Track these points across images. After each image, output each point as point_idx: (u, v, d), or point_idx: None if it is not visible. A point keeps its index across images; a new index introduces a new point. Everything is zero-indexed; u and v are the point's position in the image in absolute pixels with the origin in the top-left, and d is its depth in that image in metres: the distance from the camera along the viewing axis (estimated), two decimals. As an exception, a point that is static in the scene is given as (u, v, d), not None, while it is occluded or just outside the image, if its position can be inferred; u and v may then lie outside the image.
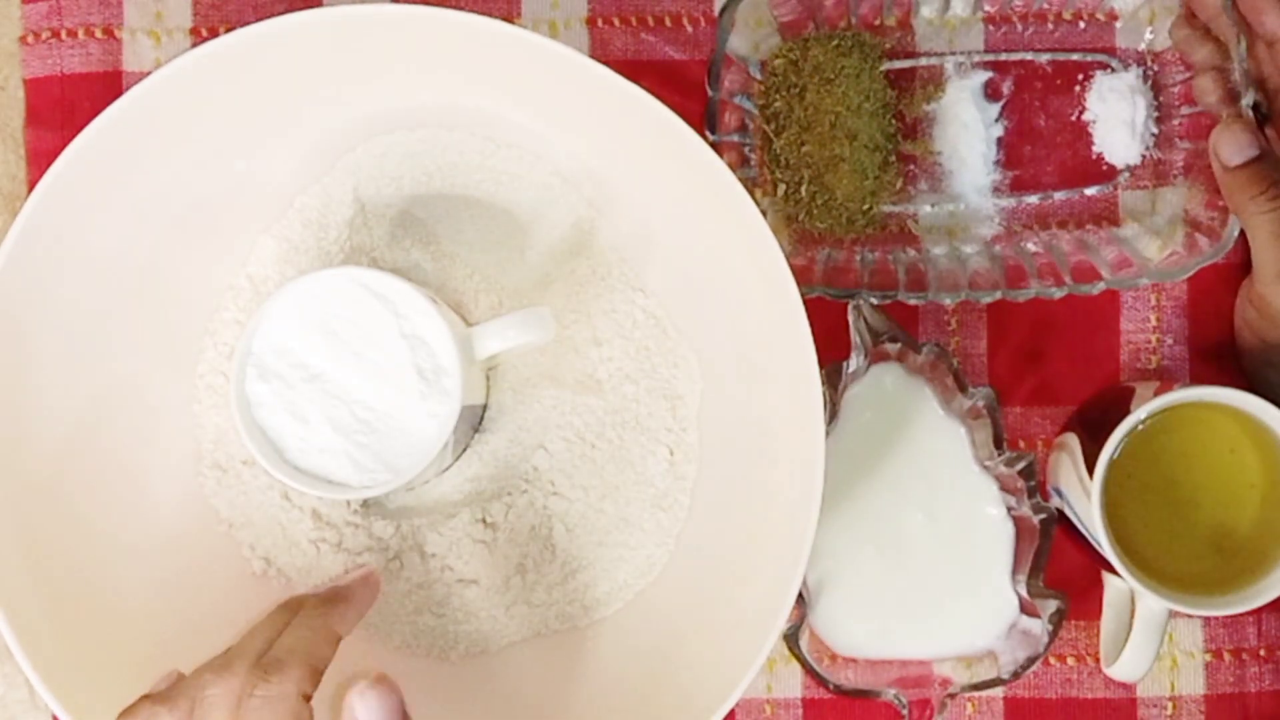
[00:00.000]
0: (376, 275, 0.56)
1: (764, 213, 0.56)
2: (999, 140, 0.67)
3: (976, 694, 0.66)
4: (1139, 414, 0.59)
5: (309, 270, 0.61)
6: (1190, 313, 0.67)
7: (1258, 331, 0.63)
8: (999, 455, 0.62)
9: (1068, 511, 0.63)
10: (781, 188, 0.66)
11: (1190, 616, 0.66)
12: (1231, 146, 0.60)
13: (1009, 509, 0.64)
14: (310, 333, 0.56)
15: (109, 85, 0.67)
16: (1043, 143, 0.67)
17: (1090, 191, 0.67)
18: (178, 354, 0.62)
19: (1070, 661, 0.66)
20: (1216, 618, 0.66)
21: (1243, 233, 0.61)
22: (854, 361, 0.62)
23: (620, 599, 0.63)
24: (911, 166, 0.67)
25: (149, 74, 0.56)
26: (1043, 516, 0.62)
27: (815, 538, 0.55)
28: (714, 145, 0.57)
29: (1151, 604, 0.60)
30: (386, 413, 0.56)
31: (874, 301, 0.62)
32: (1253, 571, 0.60)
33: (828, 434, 0.58)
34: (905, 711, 0.61)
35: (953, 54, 0.67)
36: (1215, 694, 0.66)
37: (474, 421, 0.62)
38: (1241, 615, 0.66)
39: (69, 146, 0.56)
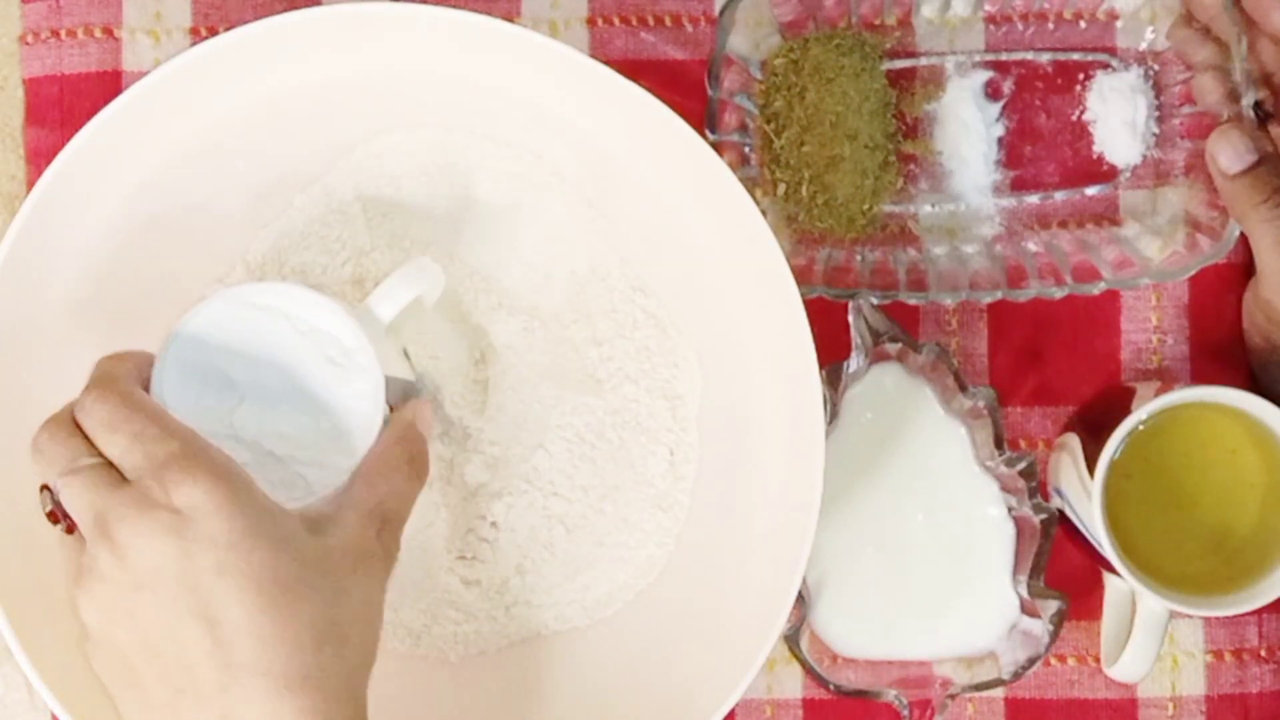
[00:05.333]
0: (250, 289, 0.54)
1: (764, 213, 0.56)
2: (999, 140, 0.67)
3: (977, 694, 0.66)
4: (1140, 414, 0.59)
5: (312, 266, 0.61)
6: (1191, 313, 0.67)
7: (1265, 335, 0.63)
8: (999, 455, 0.62)
9: (1068, 512, 0.63)
10: (781, 188, 0.66)
11: (1191, 617, 0.66)
12: (1229, 153, 0.60)
13: (1009, 509, 0.64)
14: (210, 376, 0.53)
15: (109, 85, 0.67)
16: (1043, 142, 0.67)
17: (1091, 191, 0.67)
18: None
19: (1071, 662, 0.66)
20: (1217, 618, 0.66)
21: (1244, 233, 0.61)
22: (854, 362, 0.62)
23: (620, 599, 0.63)
24: (912, 166, 0.67)
25: (148, 73, 0.56)
26: (1043, 517, 0.62)
27: (815, 538, 0.55)
28: (714, 145, 0.57)
29: (1152, 604, 0.60)
30: (318, 414, 0.54)
31: (874, 301, 0.62)
32: (1253, 572, 0.60)
33: (828, 434, 0.58)
34: (906, 712, 0.61)
35: (953, 53, 0.67)
36: (1216, 694, 0.66)
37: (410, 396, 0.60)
38: (1242, 616, 0.66)
39: (68, 145, 0.56)
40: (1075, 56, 0.67)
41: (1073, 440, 0.63)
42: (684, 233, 0.61)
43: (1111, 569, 0.60)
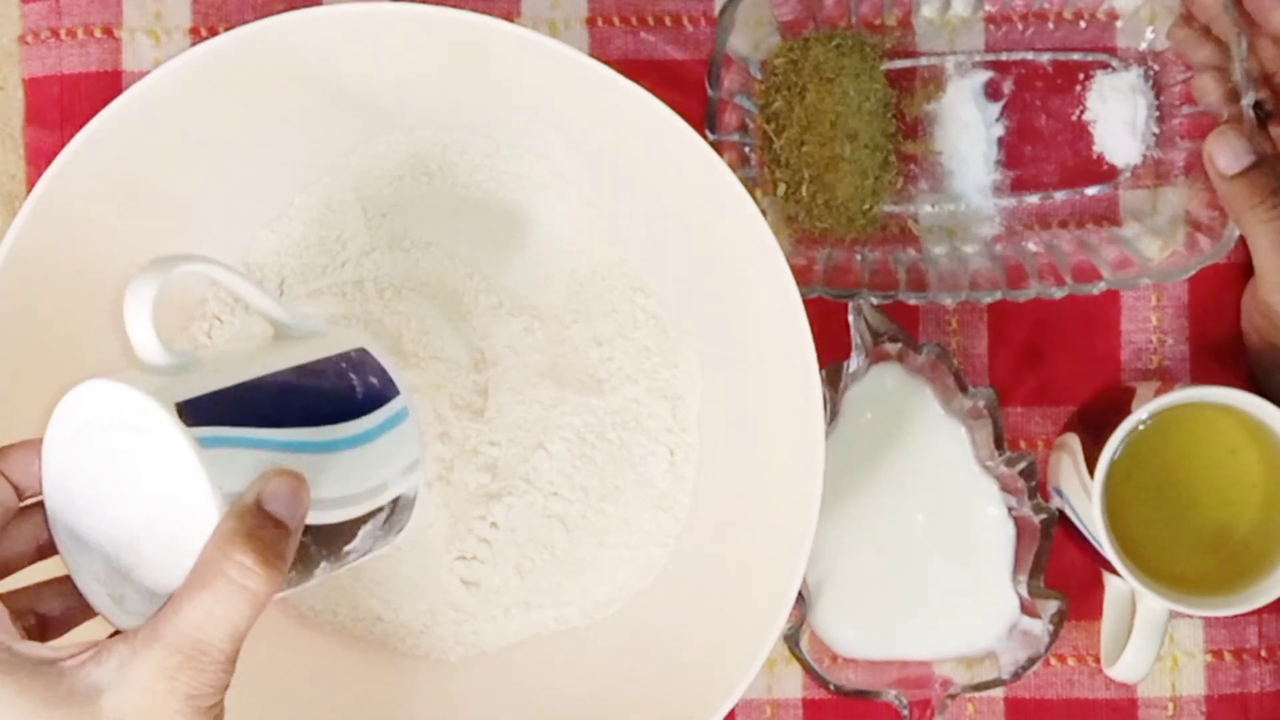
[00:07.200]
0: (53, 431, 0.47)
1: (764, 213, 0.56)
2: (1000, 140, 0.67)
3: (977, 694, 0.66)
4: (1140, 414, 0.59)
5: (312, 267, 0.61)
6: (1191, 312, 0.67)
7: (1264, 336, 0.63)
8: (999, 455, 0.62)
9: (1068, 512, 0.63)
10: (781, 188, 0.66)
11: (1191, 617, 0.66)
12: (1227, 154, 0.60)
13: (1009, 509, 0.64)
14: (87, 537, 0.47)
15: (108, 85, 0.67)
16: (1043, 142, 0.67)
17: (1091, 191, 0.67)
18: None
19: (1071, 662, 0.66)
20: (1217, 618, 0.66)
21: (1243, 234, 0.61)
22: (854, 361, 0.62)
23: (620, 600, 0.63)
24: (912, 166, 0.67)
25: (148, 73, 0.56)
26: (1043, 517, 0.62)
27: (815, 538, 0.55)
28: (714, 145, 0.57)
29: (1152, 604, 0.60)
30: (160, 497, 0.45)
31: (874, 301, 0.62)
32: (1253, 572, 0.60)
33: (828, 434, 0.58)
34: (906, 712, 0.61)
35: (953, 53, 0.67)
36: (1216, 694, 0.66)
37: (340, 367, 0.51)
38: (1242, 616, 0.66)
39: (68, 145, 0.56)
40: (1075, 56, 0.67)
41: (1073, 440, 0.63)
42: (684, 233, 0.61)
43: (1111, 569, 0.60)
